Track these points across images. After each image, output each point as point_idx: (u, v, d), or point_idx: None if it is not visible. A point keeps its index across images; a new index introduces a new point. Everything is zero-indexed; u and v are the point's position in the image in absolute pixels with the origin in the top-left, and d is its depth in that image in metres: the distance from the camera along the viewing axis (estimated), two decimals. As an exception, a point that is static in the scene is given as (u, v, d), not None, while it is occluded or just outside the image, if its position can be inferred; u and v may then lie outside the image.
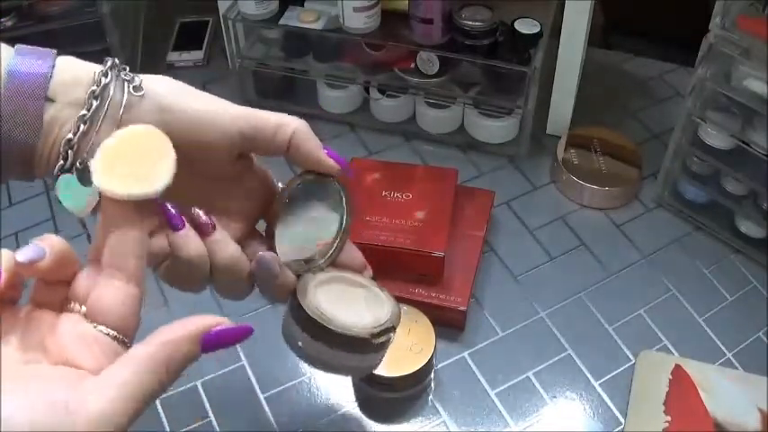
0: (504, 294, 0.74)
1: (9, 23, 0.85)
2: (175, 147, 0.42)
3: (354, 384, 0.66)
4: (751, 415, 0.63)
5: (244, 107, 0.47)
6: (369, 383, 0.64)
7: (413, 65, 0.85)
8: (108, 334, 0.39)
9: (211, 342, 0.39)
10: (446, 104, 0.87)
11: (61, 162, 0.43)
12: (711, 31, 0.67)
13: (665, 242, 0.78)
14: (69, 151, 0.43)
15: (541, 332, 0.71)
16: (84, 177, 0.43)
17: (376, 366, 0.52)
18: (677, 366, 0.67)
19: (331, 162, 0.49)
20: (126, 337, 0.39)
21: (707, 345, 0.70)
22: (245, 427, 0.64)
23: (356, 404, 0.66)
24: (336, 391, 0.66)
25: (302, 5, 0.88)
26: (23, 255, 0.38)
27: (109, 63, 0.44)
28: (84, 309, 0.39)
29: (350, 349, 0.49)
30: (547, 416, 0.65)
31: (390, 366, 0.62)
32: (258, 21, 0.87)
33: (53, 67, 0.43)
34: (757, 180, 0.72)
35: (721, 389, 0.65)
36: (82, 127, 0.43)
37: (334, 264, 0.53)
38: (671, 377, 0.66)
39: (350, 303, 0.51)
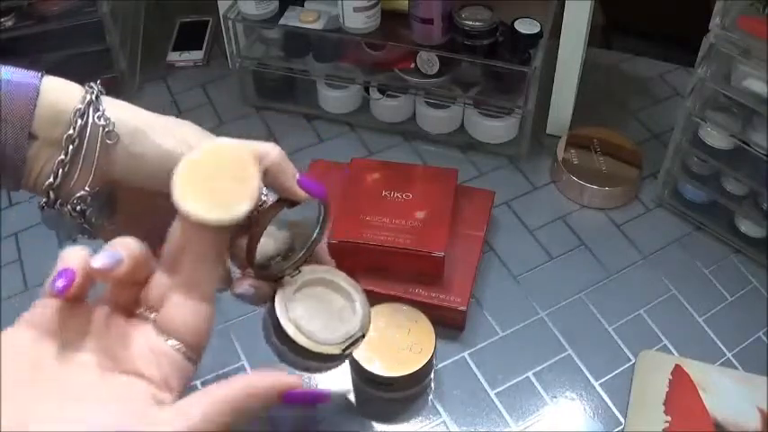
0: (504, 294, 0.74)
1: (9, 23, 0.85)
2: (141, 185, 0.45)
3: (354, 384, 0.66)
4: (751, 415, 0.63)
5: (215, 141, 0.47)
6: (369, 383, 0.64)
7: (413, 65, 0.85)
8: (178, 349, 0.40)
9: (295, 398, 0.41)
10: (446, 104, 0.87)
11: (45, 199, 0.45)
12: (711, 31, 0.67)
13: (665, 242, 0.78)
14: (51, 192, 0.45)
15: (541, 332, 0.71)
16: (66, 217, 0.46)
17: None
18: (677, 366, 0.67)
19: (303, 195, 0.49)
20: (194, 353, 0.41)
21: (707, 345, 0.70)
22: (245, 427, 0.64)
23: (356, 404, 0.66)
24: (336, 391, 0.66)
25: (302, 5, 0.88)
26: (99, 261, 0.39)
27: (87, 99, 0.45)
28: (153, 316, 0.41)
29: (322, 360, 0.53)
30: (547, 416, 0.65)
31: (390, 366, 0.63)
32: (258, 21, 0.87)
33: (38, 91, 0.44)
34: (757, 180, 0.72)
35: (721, 389, 0.65)
36: (61, 171, 0.44)
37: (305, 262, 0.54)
38: (671, 377, 0.66)
39: (325, 313, 0.53)
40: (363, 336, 0.55)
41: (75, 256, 0.39)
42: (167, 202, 0.44)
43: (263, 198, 0.53)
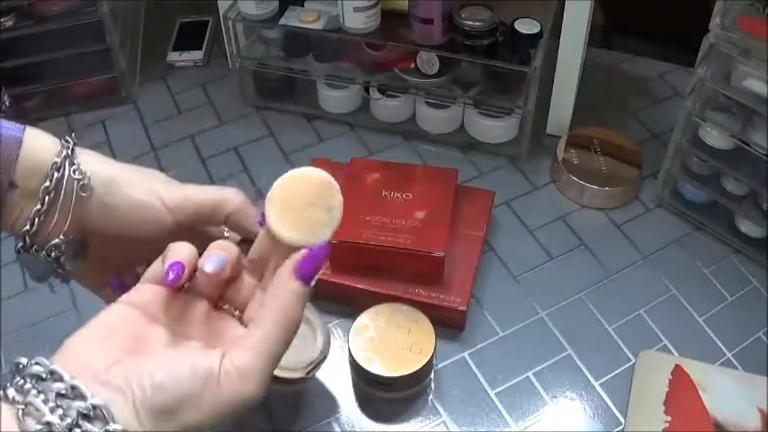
0: (504, 294, 0.74)
1: (9, 23, 0.85)
2: (113, 233, 0.49)
3: (354, 384, 0.66)
4: (751, 415, 0.63)
5: (182, 188, 0.51)
6: (369, 383, 0.64)
7: (413, 65, 0.85)
8: None
9: (305, 272, 0.44)
10: (446, 104, 0.87)
11: (21, 243, 0.48)
12: (711, 31, 0.67)
13: (665, 242, 0.78)
14: (27, 238, 0.48)
15: (541, 332, 0.71)
16: (41, 261, 0.49)
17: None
18: (677, 366, 0.67)
19: None
20: None
21: (707, 345, 0.70)
22: (245, 427, 0.64)
23: (356, 404, 0.66)
24: (336, 391, 0.66)
25: (302, 5, 0.88)
26: (211, 266, 0.45)
27: (63, 153, 0.47)
28: (237, 313, 0.47)
29: (287, 384, 0.61)
30: (547, 416, 0.65)
31: (390, 366, 0.63)
32: (258, 21, 0.87)
33: (21, 144, 0.47)
34: (757, 180, 0.72)
35: (721, 389, 0.65)
36: (37, 220, 0.47)
37: None
38: (671, 377, 0.66)
39: None
40: (325, 358, 0.63)
41: (183, 251, 0.45)
42: (141, 245, 0.49)
43: (226, 235, 0.55)
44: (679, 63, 0.98)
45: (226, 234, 0.55)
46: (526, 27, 0.81)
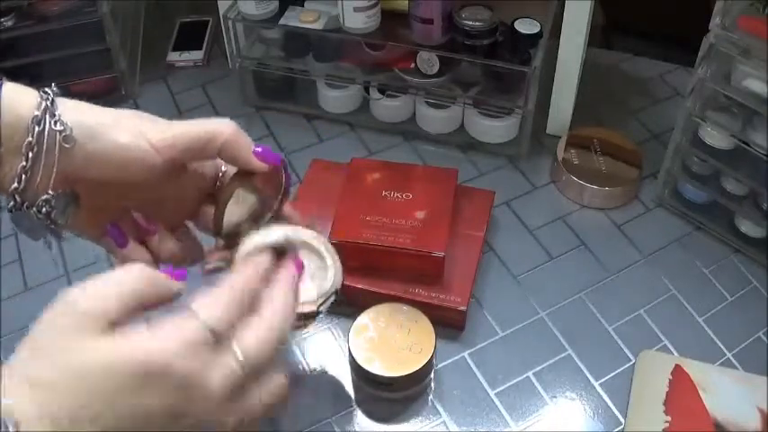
0: (504, 294, 0.74)
1: (9, 23, 0.85)
2: (103, 180, 0.48)
3: (354, 384, 0.66)
4: (751, 415, 0.63)
5: (171, 126, 0.50)
6: (369, 383, 0.64)
7: (413, 65, 0.85)
8: None
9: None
10: (446, 104, 0.87)
11: (12, 203, 0.47)
12: (711, 31, 0.67)
13: (665, 242, 0.78)
14: (17, 195, 0.47)
15: (541, 332, 0.71)
16: (33, 219, 0.48)
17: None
18: (677, 366, 0.67)
19: (258, 164, 0.53)
20: None
21: (707, 345, 0.70)
22: (245, 427, 0.64)
23: (356, 404, 0.66)
24: (336, 391, 0.67)
25: (302, 5, 0.88)
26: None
27: (43, 106, 0.47)
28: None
29: (299, 319, 0.56)
30: (547, 416, 0.65)
31: (390, 366, 0.63)
32: (258, 21, 0.87)
33: None
34: (757, 180, 0.72)
35: (721, 389, 0.65)
36: (24, 177, 0.46)
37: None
38: (671, 377, 0.66)
39: None
40: (337, 292, 0.59)
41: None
42: (132, 189, 0.49)
43: (223, 170, 0.54)
44: (679, 63, 0.98)
45: (223, 168, 0.54)
46: (526, 27, 0.81)
